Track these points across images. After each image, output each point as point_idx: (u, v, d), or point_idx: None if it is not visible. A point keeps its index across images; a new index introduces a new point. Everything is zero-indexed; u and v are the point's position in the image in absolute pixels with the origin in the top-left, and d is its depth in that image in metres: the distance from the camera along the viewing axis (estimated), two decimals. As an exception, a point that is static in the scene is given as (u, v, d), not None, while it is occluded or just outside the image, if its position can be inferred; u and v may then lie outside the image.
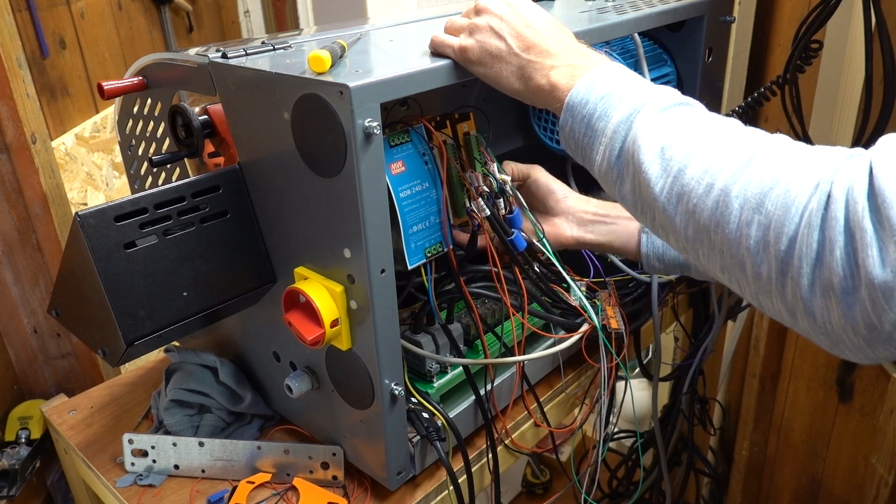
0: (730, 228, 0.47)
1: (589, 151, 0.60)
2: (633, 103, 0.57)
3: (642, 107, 0.56)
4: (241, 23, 2.75)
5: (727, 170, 0.48)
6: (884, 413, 1.23)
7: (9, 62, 1.11)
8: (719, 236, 0.48)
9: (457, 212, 0.82)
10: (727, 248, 0.48)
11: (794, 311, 0.45)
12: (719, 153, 0.49)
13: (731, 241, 0.47)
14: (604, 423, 0.98)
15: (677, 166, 0.51)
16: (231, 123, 0.78)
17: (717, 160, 0.49)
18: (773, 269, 0.45)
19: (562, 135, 0.63)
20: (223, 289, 0.79)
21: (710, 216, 0.48)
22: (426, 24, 0.96)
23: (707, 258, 0.51)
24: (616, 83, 0.59)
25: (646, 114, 0.55)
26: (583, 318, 0.92)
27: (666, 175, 0.51)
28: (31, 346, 1.23)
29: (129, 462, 0.89)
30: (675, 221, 0.51)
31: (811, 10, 1.06)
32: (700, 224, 0.49)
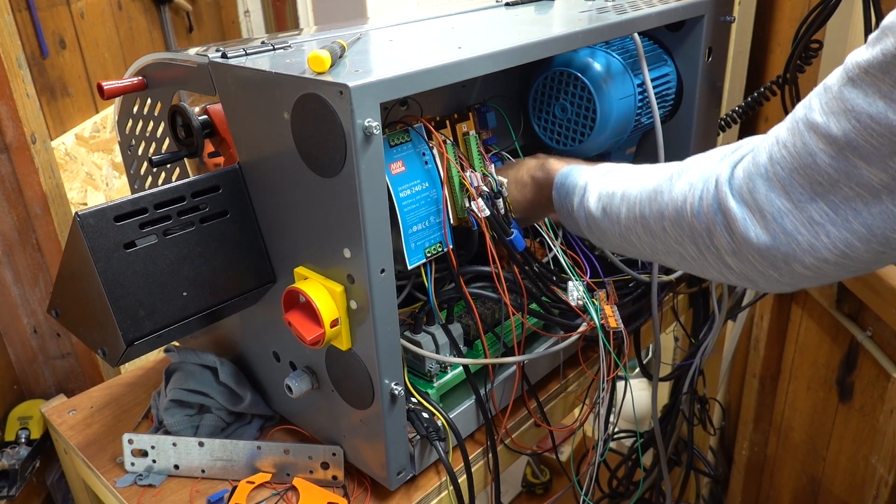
0: (658, 236, 0.64)
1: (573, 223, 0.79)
2: (579, 188, 0.76)
3: (584, 188, 0.75)
4: (241, 23, 2.75)
5: (640, 204, 0.66)
6: (884, 413, 1.23)
7: (9, 62, 1.11)
8: (659, 244, 0.65)
9: (456, 212, 0.82)
10: (667, 249, 0.64)
11: (721, 271, 0.59)
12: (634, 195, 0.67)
13: (665, 243, 0.63)
14: (604, 423, 0.98)
15: (617, 218, 0.69)
16: (231, 123, 0.78)
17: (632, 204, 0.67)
18: (692, 249, 0.60)
19: None
20: (223, 289, 0.79)
21: (648, 235, 0.66)
22: (426, 24, 0.96)
23: (666, 260, 0.68)
24: (567, 182, 0.79)
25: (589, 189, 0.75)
26: (581, 318, 0.92)
27: (611, 224, 0.71)
28: (31, 346, 1.23)
29: (129, 462, 0.89)
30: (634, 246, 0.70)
31: (811, 10, 1.06)
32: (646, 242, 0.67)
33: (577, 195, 0.75)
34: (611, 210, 0.69)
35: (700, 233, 0.58)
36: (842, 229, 0.49)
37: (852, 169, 0.48)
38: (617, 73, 0.98)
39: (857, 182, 0.48)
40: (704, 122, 1.10)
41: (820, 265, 0.51)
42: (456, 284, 0.83)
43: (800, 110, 0.52)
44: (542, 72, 1.02)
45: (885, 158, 0.46)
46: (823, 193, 0.49)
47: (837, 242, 0.50)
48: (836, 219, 0.49)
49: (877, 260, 0.51)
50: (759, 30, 1.51)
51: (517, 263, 0.85)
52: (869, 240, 0.49)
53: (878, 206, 0.48)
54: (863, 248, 0.49)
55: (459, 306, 0.92)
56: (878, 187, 0.47)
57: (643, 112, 1.02)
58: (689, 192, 0.59)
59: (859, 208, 0.48)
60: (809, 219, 0.51)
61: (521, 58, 0.78)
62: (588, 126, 0.99)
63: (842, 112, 0.48)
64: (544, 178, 0.83)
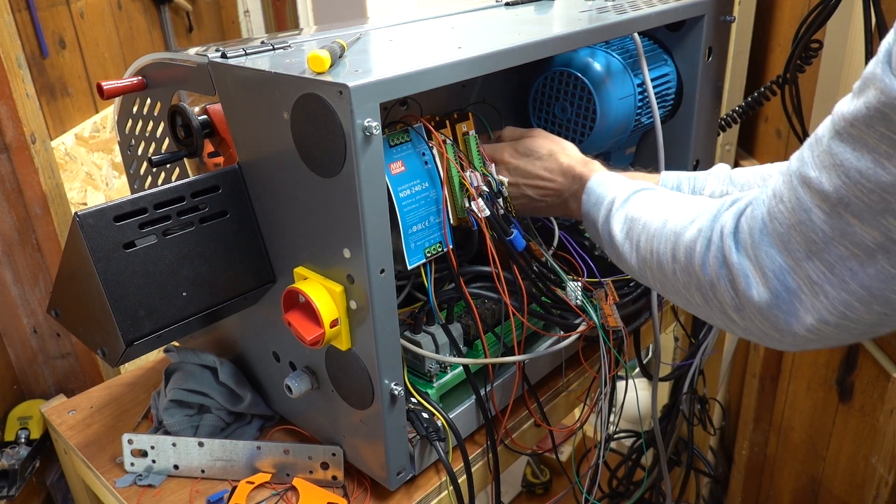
0: (669, 279, 0.63)
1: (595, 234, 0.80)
2: (607, 202, 0.76)
3: (612, 203, 0.75)
4: (241, 23, 2.75)
5: (657, 238, 0.65)
6: (884, 413, 1.23)
7: (8, 62, 1.11)
8: (669, 286, 0.64)
9: (456, 212, 0.82)
10: (675, 292, 0.64)
11: (727, 325, 0.59)
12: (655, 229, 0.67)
13: (675, 288, 0.63)
14: (605, 423, 0.98)
15: (636, 245, 0.69)
16: (230, 123, 0.78)
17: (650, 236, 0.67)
18: (698, 298, 0.60)
19: None
20: (223, 289, 0.79)
21: (661, 274, 0.65)
22: (426, 24, 0.96)
23: (676, 300, 0.67)
24: (599, 191, 0.79)
25: (615, 207, 0.74)
26: (581, 318, 0.92)
27: (630, 250, 0.70)
28: (30, 346, 1.23)
29: (128, 462, 0.89)
30: (647, 278, 0.69)
31: (811, 10, 1.06)
32: (658, 280, 0.66)
33: (605, 209, 0.75)
34: (633, 235, 0.69)
35: (705, 285, 0.57)
36: (840, 290, 0.47)
37: (846, 226, 0.46)
38: (617, 73, 0.98)
39: (851, 241, 0.46)
40: (704, 122, 1.10)
41: (821, 327, 0.49)
42: (456, 284, 0.83)
43: (794, 163, 0.50)
44: (542, 72, 1.02)
45: (877, 216, 0.44)
46: (818, 252, 0.48)
47: (837, 304, 0.48)
48: (833, 279, 0.47)
49: (880, 322, 0.48)
50: (759, 30, 1.51)
51: (517, 263, 0.85)
52: (869, 301, 0.47)
53: (873, 267, 0.46)
54: (863, 309, 0.47)
55: (459, 306, 0.92)
56: (872, 246, 0.45)
57: (643, 112, 1.02)
58: (696, 240, 0.58)
59: (855, 268, 0.46)
60: (807, 278, 0.49)
61: (521, 58, 0.78)
62: (588, 126, 0.99)
63: (832, 167, 0.46)
64: (581, 177, 0.82)
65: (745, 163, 1.61)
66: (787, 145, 1.45)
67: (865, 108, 0.44)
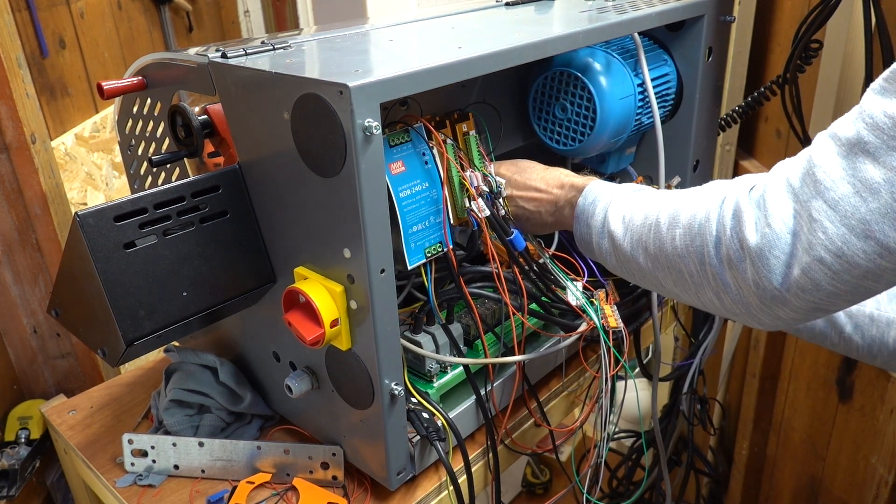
0: (666, 247, 0.65)
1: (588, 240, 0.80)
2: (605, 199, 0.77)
3: (609, 204, 0.76)
4: (241, 23, 2.75)
5: (655, 210, 0.68)
6: (884, 413, 1.23)
7: (8, 62, 1.11)
8: (662, 257, 0.65)
9: (456, 211, 0.82)
10: (669, 264, 0.65)
11: (717, 291, 0.60)
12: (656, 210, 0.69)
13: (669, 256, 0.64)
14: (605, 423, 0.98)
15: (629, 225, 0.71)
16: (231, 123, 0.78)
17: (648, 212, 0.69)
18: (694, 262, 0.61)
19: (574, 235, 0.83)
20: (223, 289, 0.79)
21: (656, 246, 0.67)
22: (426, 23, 0.96)
23: (663, 280, 0.68)
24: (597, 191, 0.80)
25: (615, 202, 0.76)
26: (581, 318, 0.92)
27: (625, 232, 0.72)
28: (30, 346, 1.23)
29: (128, 462, 0.89)
30: (638, 260, 0.70)
31: (811, 10, 1.06)
32: (651, 254, 0.68)
33: (602, 205, 0.77)
34: (627, 219, 0.71)
35: (709, 241, 0.59)
36: (839, 225, 0.50)
37: (858, 164, 0.50)
38: (617, 72, 0.98)
39: (861, 178, 0.50)
40: (704, 122, 1.10)
41: (815, 268, 0.52)
42: (456, 285, 0.83)
43: (822, 132, 0.55)
44: (542, 72, 1.02)
45: (890, 152, 0.48)
46: (825, 191, 0.51)
47: (835, 238, 0.50)
48: (834, 215, 0.50)
49: (872, 272, 0.51)
50: (759, 30, 1.51)
51: (517, 263, 0.85)
52: (866, 236, 0.49)
53: (876, 202, 0.49)
54: (860, 245, 0.50)
55: (459, 306, 0.92)
56: (879, 181, 0.49)
57: (643, 112, 1.02)
58: (710, 204, 0.61)
59: (857, 203, 0.50)
60: (809, 216, 0.52)
61: (520, 58, 0.78)
62: (588, 126, 0.99)
63: (858, 117, 0.51)
64: (578, 186, 0.83)
65: (745, 163, 1.61)
66: (787, 145, 1.45)
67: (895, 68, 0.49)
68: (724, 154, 1.64)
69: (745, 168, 1.60)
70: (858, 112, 0.51)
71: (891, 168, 0.48)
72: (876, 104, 0.50)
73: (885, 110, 0.49)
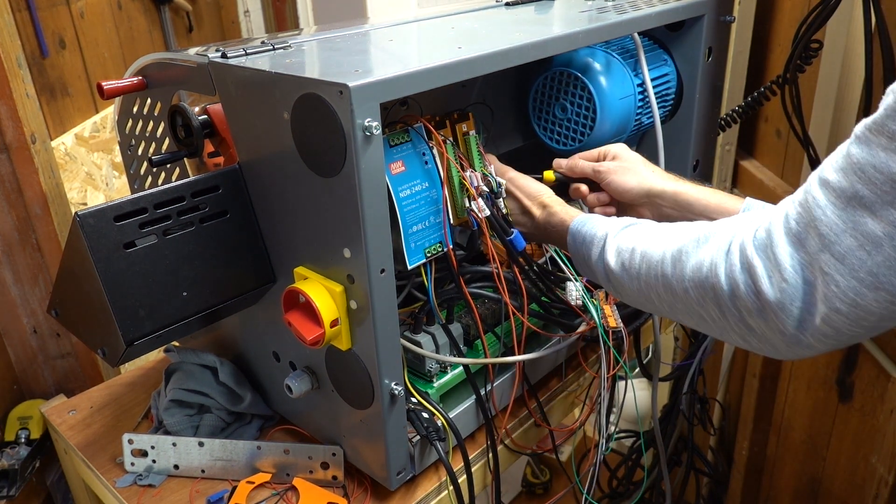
0: (679, 296, 0.65)
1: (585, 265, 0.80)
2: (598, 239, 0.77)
3: (604, 239, 0.76)
4: (241, 23, 2.75)
5: (663, 263, 0.67)
6: (884, 413, 1.23)
7: (8, 62, 1.10)
8: (679, 304, 0.66)
9: (457, 211, 0.82)
10: (688, 310, 0.65)
11: (742, 335, 0.61)
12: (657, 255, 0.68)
13: (688, 305, 0.65)
14: (605, 422, 0.98)
15: (637, 274, 0.71)
16: (231, 123, 0.78)
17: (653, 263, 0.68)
18: (714, 311, 0.61)
19: None
20: (223, 289, 0.79)
21: (668, 294, 0.67)
22: (426, 23, 0.96)
23: (686, 321, 0.69)
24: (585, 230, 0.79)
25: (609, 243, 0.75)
26: (581, 318, 0.92)
27: (630, 280, 0.72)
28: (30, 346, 1.23)
29: (128, 462, 0.89)
30: (653, 303, 0.70)
31: (811, 10, 1.06)
32: (666, 301, 0.68)
33: (597, 247, 0.76)
34: (630, 266, 0.71)
35: (724, 294, 0.59)
36: (850, 278, 0.51)
37: (857, 218, 0.51)
38: (617, 72, 0.98)
39: (861, 231, 0.51)
40: (704, 122, 1.10)
41: (834, 317, 0.53)
42: (456, 285, 0.83)
43: (813, 174, 0.56)
44: (542, 72, 1.02)
45: (887, 206, 0.49)
46: (830, 245, 0.52)
47: (847, 291, 0.52)
48: (843, 268, 0.52)
49: (888, 313, 0.52)
50: (759, 30, 1.51)
51: (517, 264, 0.85)
52: (877, 287, 0.51)
53: (881, 255, 0.50)
54: (872, 296, 0.51)
55: (459, 306, 0.92)
56: (880, 235, 0.50)
57: (643, 112, 1.02)
58: (715, 254, 0.61)
59: (863, 257, 0.51)
60: (820, 270, 0.53)
61: (521, 58, 0.78)
62: (588, 126, 0.99)
63: (849, 167, 0.51)
64: (555, 225, 0.84)
65: (745, 163, 1.61)
66: (787, 145, 1.45)
67: (883, 111, 0.49)
68: (724, 154, 1.64)
69: (745, 168, 1.60)
70: (849, 162, 0.52)
71: (889, 222, 0.50)
72: (865, 156, 0.50)
73: (873, 164, 0.50)
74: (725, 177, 1.65)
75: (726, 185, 1.65)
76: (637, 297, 0.72)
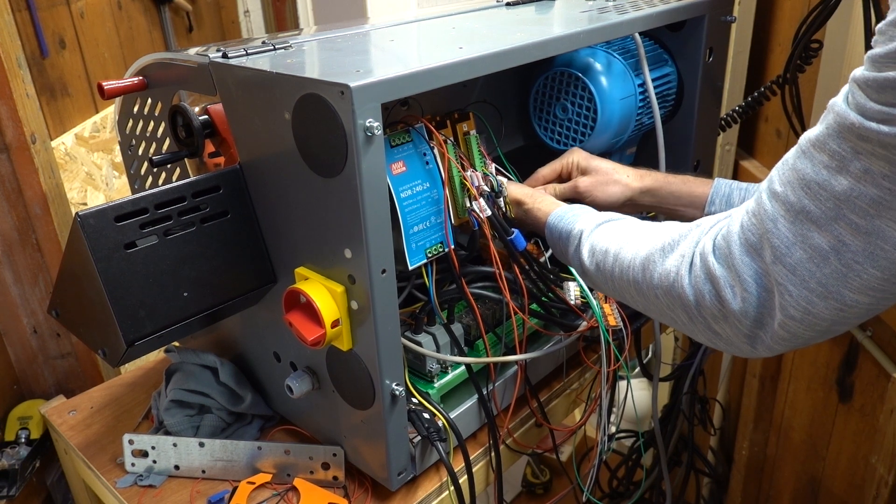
0: (650, 300, 0.67)
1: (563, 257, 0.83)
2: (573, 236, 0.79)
3: (579, 237, 0.78)
4: (241, 23, 2.75)
5: (633, 269, 0.69)
6: (884, 413, 1.23)
7: (8, 62, 1.10)
8: (653, 307, 0.68)
9: (458, 212, 0.82)
10: (660, 313, 0.67)
11: (710, 338, 0.63)
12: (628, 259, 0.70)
13: (658, 307, 0.67)
14: (605, 422, 0.98)
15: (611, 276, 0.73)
16: (231, 123, 0.78)
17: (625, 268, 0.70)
18: (683, 316, 0.63)
19: None
20: (223, 289, 0.79)
21: (640, 296, 0.69)
22: (426, 23, 0.96)
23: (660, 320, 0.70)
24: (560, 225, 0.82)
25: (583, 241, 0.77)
26: (581, 318, 0.92)
27: (605, 280, 0.74)
28: (30, 346, 1.23)
29: (129, 462, 0.89)
30: (627, 300, 0.73)
31: (811, 10, 1.06)
32: (640, 303, 0.70)
33: (572, 244, 0.78)
34: (604, 267, 0.73)
35: (689, 303, 0.62)
36: (801, 288, 0.54)
37: (806, 232, 0.53)
38: (618, 73, 0.98)
39: (810, 245, 0.53)
40: (705, 122, 1.10)
41: (789, 323, 0.55)
42: (457, 285, 0.83)
43: (764, 182, 0.57)
44: (542, 72, 1.02)
45: (832, 222, 0.51)
46: (782, 256, 0.54)
47: (800, 300, 0.54)
48: (795, 279, 0.54)
49: (839, 319, 0.55)
50: (759, 30, 1.51)
51: (517, 263, 0.85)
52: (826, 297, 0.53)
53: (828, 267, 0.52)
54: (822, 304, 0.53)
55: (460, 306, 0.92)
56: (826, 249, 0.52)
57: (644, 112, 1.02)
58: (680, 265, 0.63)
59: (812, 269, 0.53)
60: (775, 280, 0.55)
61: (521, 58, 0.78)
62: (589, 126, 0.99)
63: (796, 181, 0.53)
64: (534, 216, 0.85)
65: (745, 163, 1.61)
66: (787, 145, 1.44)
67: (825, 130, 0.51)
68: (724, 154, 1.64)
69: (745, 168, 1.60)
70: (796, 176, 0.53)
71: (834, 237, 0.51)
72: (809, 172, 0.52)
73: (817, 181, 0.52)
74: (725, 177, 1.65)
75: (726, 186, 1.65)
76: (614, 294, 0.75)
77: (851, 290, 0.52)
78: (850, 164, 0.49)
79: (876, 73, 0.47)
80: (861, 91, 0.48)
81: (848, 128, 0.49)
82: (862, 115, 0.48)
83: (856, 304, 0.53)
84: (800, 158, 0.53)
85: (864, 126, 0.48)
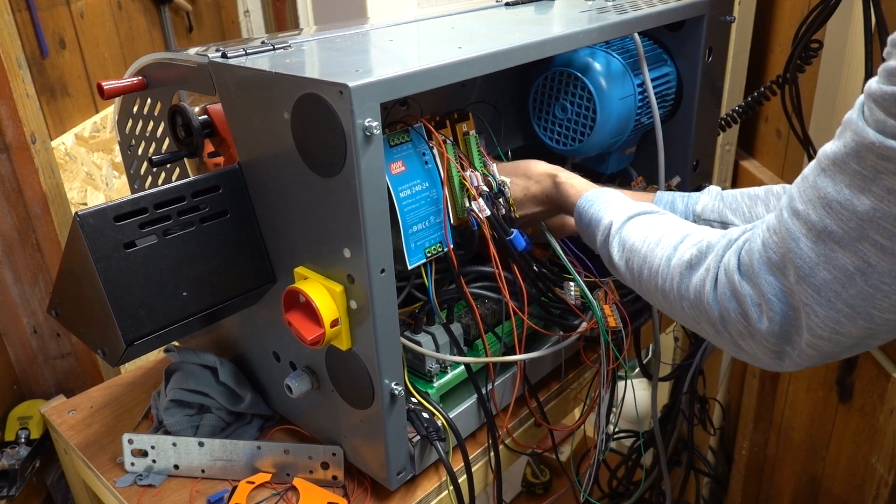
0: (677, 311, 0.67)
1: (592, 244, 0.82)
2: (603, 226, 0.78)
3: (609, 228, 0.77)
4: (241, 23, 2.75)
5: (661, 276, 0.68)
6: (884, 413, 1.23)
7: (8, 62, 1.11)
8: (678, 315, 0.68)
9: (457, 211, 0.82)
10: (687, 321, 0.67)
11: (736, 351, 0.63)
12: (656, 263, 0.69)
13: (685, 318, 0.67)
14: (604, 421, 0.98)
15: (639, 278, 0.72)
16: (231, 123, 0.78)
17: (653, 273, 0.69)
18: (709, 328, 0.63)
19: None
20: (223, 289, 0.79)
21: (667, 304, 0.69)
22: (426, 23, 0.96)
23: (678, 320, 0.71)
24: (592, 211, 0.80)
25: (612, 234, 0.76)
26: (581, 318, 0.92)
27: (633, 279, 0.74)
28: (30, 346, 1.23)
29: (128, 462, 0.89)
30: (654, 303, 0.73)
31: (811, 10, 1.06)
32: (666, 309, 0.70)
33: (601, 234, 0.77)
34: (633, 266, 0.72)
35: (715, 318, 0.61)
36: (828, 309, 0.53)
37: (829, 252, 0.52)
38: (617, 73, 0.98)
39: (834, 265, 0.52)
40: (704, 122, 1.10)
41: (817, 342, 0.55)
42: (457, 285, 0.83)
43: (785, 199, 0.56)
44: (542, 72, 1.02)
45: (855, 242, 0.50)
46: (806, 277, 0.53)
47: (827, 321, 0.53)
48: (821, 300, 0.53)
49: (868, 335, 0.54)
50: (759, 30, 1.51)
51: (517, 263, 0.85)
52: (854, 317, 0.52)
53: (854, 288, 0.51)
54: (850, 324, 0.52)
55: (459, 306, 0.92)
56: (851, 270, 0.51)
57: (643, 112, 1.02)
58: (705, 279, 0.62)
59: (838, 290, 0.52)
60: (801, 300, 0.54)
61: (521, 58, 0.78)
62: (588, 126, 0.99)
63: (817, 200, 0.52)
64: (565, 191, 0.84)
65: (745, 163, 1.61)
66: (787, 145, 1.45)
67: (844, 148, 0.50)
68: (724, 154, 1.64)
69: (745, 168, 1.60)
70: (817, 195, 0.52)
71: (859, 257, 0.50)
72: (831, 191, 0.51)
73: (839, 201, 0.51)
74: (725, 177, 1.65)
75: (726, 185, 1.65)
76: (641, 293, 0.74)
77: (880, 311, 0.51)
78: (871, 185, 0.48)
79: (893, 87, 0.46)
80: (878, 107, 0.47)
81: (867, 147, 0.48)
82: (881, 132, 0.47)
83: (885, 322, 0.52)
84: (820, 176, 0.52)
85: (884, 145, 0.47)
